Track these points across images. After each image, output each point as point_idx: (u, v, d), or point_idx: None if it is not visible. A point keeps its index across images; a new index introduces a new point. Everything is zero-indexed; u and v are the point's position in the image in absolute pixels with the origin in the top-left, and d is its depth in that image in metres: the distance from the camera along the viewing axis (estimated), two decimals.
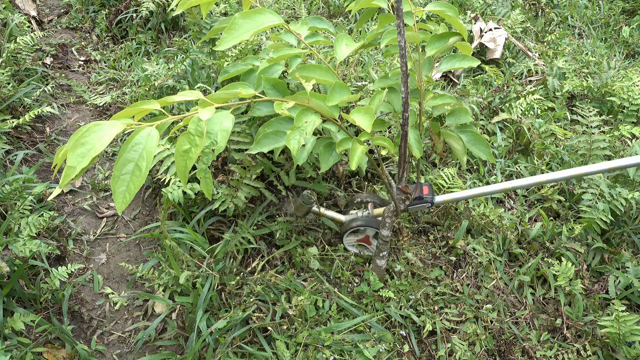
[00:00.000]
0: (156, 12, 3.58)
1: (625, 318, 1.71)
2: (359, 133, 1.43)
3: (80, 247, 2.19)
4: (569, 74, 3.18)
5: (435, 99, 1.61)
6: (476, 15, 3.66)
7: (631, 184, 2.31)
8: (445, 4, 1.50)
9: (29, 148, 2.59)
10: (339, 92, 1.40)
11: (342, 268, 2.01)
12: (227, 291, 1.89)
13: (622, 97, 2.83)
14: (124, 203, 0.92)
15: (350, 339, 1.76)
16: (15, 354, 1.67)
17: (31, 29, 3.48)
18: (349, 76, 2.75)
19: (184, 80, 2.67)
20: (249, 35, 1.27)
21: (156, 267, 2.07)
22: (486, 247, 2.14)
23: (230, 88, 1.29)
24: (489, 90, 3.00)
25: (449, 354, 1.80)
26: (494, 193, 1.83)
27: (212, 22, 2.66)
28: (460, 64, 1.59)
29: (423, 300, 1.92)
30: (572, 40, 3.89)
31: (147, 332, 1.84)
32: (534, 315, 1.93)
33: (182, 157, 1.01)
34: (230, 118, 1.09)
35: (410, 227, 2.23)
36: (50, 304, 1.90)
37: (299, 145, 1.22)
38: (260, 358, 1.72)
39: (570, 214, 2.30)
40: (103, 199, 2.44)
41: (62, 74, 3.24)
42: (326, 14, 4.02)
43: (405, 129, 1.44)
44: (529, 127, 2.62)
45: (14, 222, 1.91)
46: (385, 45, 1.52)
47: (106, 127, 0.91)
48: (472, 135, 1.62)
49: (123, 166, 0.93)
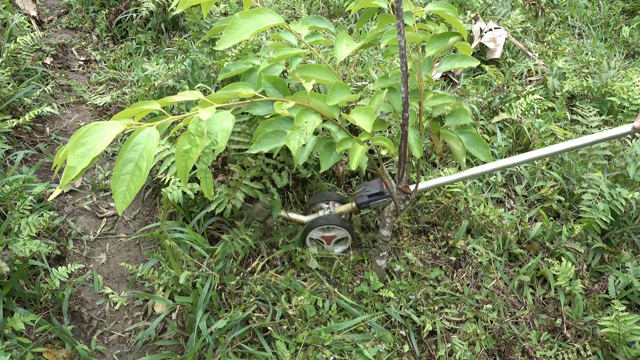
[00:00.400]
0: (156, 12, 3.58)
1: (625, 318, 1.71)
2: (358, 133, 1.43)
3: (80, 247, 2.19)
4: (569, 74, 3.18)
5: (435, 99, 1.61)
6: (476, 15, 3.66)
7: (631, 184, 2.31)
8: (445, 4, 1.49)
9: (29, 148, 2.59)
10: (339, 92, 1.40)
11: (342, 268, 2.01)
12: (227, 291, 1.89)
13: (622, 97, 2.83)
14: (124, 203, 0.92)
15: (350, 339, 1.76)
16: (15, 354, 1.67)
17: (31, 29, 3.48)
18: (349, 76, 2.75)
19: (184, 80, 2.67)
20: (249, 35, 1.27)
21: (156, 267, 2.07)
22: (486, 247, 2.14)
23: (231, 88, 1.28)
24: (489, 90, 3.00)
25: (449, 354, 1.80)
26: (461, 179, 1.82)
27: (212, 22, 2.66)
28: (460, 64, 1.59)
29: (423, 300, 1.92)
30: (572, 40, 3.89)
31: (147, 332, 1.84)
32: (534, 315, 1.93)
33: (183, 157, 1.01)
34: (231, 118, 1.09)
35: (410, 227, 2.23)
36: (50, 304, 1.90)
37: (299, 145, 1.22)
38: (260, 358, 1.72)
39: (570, 214, 2.30)
40: (103, 199, 2.44)
41: (62, 74, 3.24)
42: (326, 14, 4.02)
43: (405, 129, 1.44)
44: (529, 127, 2.62)
45: (14, 222, 1.91)
46: (385, 45, 1.52)
47: (106, 127, 0.91)
48: (471, 136, 1.62)
49: (123, 166, 0.93)
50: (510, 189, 2.49)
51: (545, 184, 2.41)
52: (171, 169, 2.05)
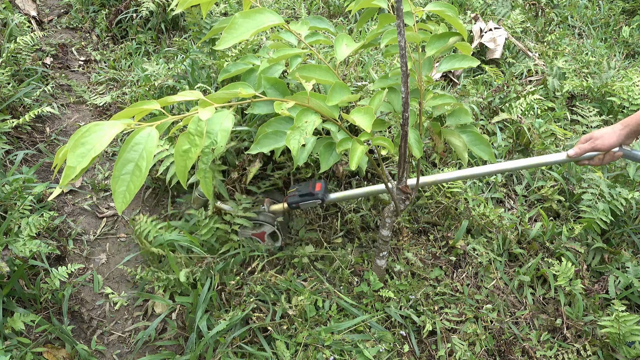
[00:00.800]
0: (156, 12, 3.58)
1: (625, 318, 1.71)
2: (359, 133, 1.43)
3: (80, 247, 2.19)
4: (569, 74, 3.18)
5: (435, 99, 1.61)
6: (476, 15, 3.66)
7: (631, 184, 2.31)
8: (445, 4, 1.49)
9: (29, 148, 2.59)
10: (339, 92, 1.40)
11: (342, 268, 2.01)
12: (227, 291, 1.89)
13: (622, 97, 2.83)
14: (124, 203, 0.92)
15: (350, 339, 1.75)
16: (15, 354, 1.67)
17: (31, 29, 3.48)
18: (349, 76, 2.75)
19: (184, 80, 2.67)
20: (249, 35, 1.27)
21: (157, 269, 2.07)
22: (486, 247, 2.14)
23: (230, 88, 1.28)
24: (489, 90, 3.00)
25: (449, 354, 1.80)
26: (445, 181, 1.83)
27: (212, 22, 2.66)
28: (460, 64, 1.59)
29: (423, 300, 1.92)
30: (572, 40, 3.89)
31: (147, 332, 1.84)
32: (534, 315, 1.93)
33: (182, 157, 1.01)
34: (230, 118, 1.09)
35: (410, 227, 2.23)
36: (50, 304, 1.90)
37: (299, 145, 1.22)
38: (260, 358, 1.72)
39: (570, 214, 2.30)
40: (103, 199, 2.44)
41: (62, 74, 3.24)
42: (326, 14, 4.02)
43: (405, 129, 1.44)
44: (529, 127, 2.62)
45: (14, 222, 1.91)
46: (385, 45, 1.52)
47: (106, 127, 0.91)
48: (473, 135, 1.62)
49: (123, 166, 0.93)
50: (510, 189, 2.49)
51: (545, 184, 2.41)
52: (170, 169, 2.05)
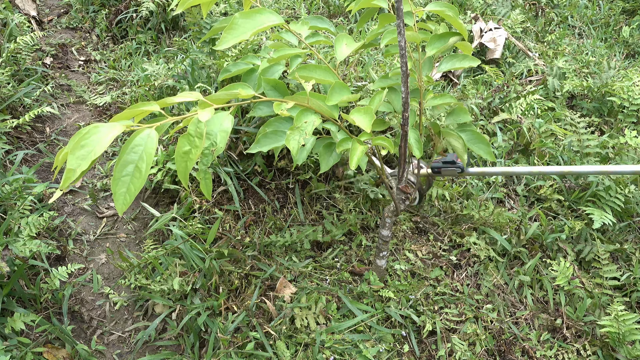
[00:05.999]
0: (156, 12, 3.57)
1: (625, 317, 1.71)
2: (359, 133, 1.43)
3: (80, 247, 2.19)
4: (569, 74, 3.17)
5: (435, 98, 1.61)
6: (476, 15, 3.66)
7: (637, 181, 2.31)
8: (445, 3, 1.49)
9: (29, 148, 2.59)
10: (339, 92, 1.40)
11: (341, 268, 2.01)
12: (227, 291, 1.89)
13: (622, 97, 2.83)
14: (125, 204, 0.92)
15: (350, 339, 1.76)
16: (15, 354, 1.67)
17: (31, 29, 3.48)
18: (349, 76, 2.75)
19: (184, 80, 2.67)
20: (249, 35, 1.27)
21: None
22: (487, 247, 2.14)
23: (230, 89, 1.28)
24: (489, 90, 3.00)
25: (449, 354, 1.80)
26: (527, 174, 1.77)
27: (212, 22, 2.66)
28: (460, 63, 1.59)
29: (423, 300, 1.92)
30: (572, 40, 3.88)
31: (147, 332, 1.84)
32: (534, 315, 1.93)
33: (182, 158, 1.01)
34: (230, 119, 1.09)
35: (410, 227, 2.23)
36: (50, 304, 1.90)
37: (299, 145, 1.22)
38: (261, 358, 1.72)
39: (570, 213, 2.30)
40: (103, 199, 2.44)
41: (62, 74, 3.24)
42: (326, 14, 4.01)
43: (405, 129, 1.44)
44: (529, 127, 2.62)
45: (14, 222, 1.91)
46: (385, 45, 1.52)
47: (106, 129, 0.91)
48: (472, 134, 1.62)
49: (123, 168, 0.93)
50: (511, 189, 2.49)
51: (545, 183, 2.41)
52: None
